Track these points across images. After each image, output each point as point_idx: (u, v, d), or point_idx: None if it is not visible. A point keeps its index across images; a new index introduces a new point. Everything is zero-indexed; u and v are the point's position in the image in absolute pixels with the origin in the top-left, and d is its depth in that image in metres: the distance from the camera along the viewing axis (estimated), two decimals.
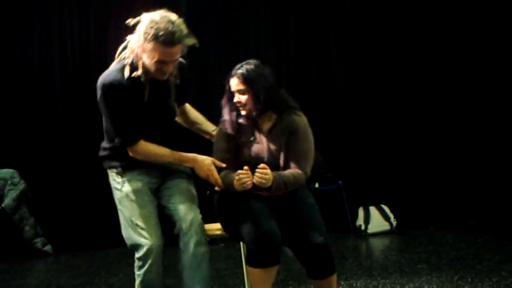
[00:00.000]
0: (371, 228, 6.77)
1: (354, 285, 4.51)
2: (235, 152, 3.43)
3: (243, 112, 3.38)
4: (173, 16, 3.00)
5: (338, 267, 3.56)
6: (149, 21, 2.97)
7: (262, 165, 3.20)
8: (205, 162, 3.26)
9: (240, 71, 3.33)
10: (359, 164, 7.26)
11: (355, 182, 7.17)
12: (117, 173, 3.34)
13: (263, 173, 3.17)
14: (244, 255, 3.55)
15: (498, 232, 6.39)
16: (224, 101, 3.46)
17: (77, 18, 7.05)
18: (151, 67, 3.05)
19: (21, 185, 6.70)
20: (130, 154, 3.22)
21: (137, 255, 3.05)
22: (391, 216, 6.85)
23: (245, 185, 3.19)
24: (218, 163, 3.30)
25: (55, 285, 5.19)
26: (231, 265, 5.29)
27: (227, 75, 3.39)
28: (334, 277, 3.42)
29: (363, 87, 7.31)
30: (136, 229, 3.10)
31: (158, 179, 3.34)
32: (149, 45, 2.96)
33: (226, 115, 3.46)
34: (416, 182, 7.16)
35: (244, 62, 3.40)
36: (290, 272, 5.00)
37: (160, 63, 3.02)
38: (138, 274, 3.06)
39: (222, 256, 5.82)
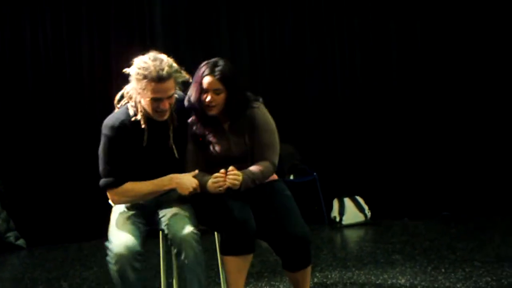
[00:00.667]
0: (346, 220, 6.79)
1: (329, 276, 4.52)
2: (204, 151, 3.42)
3: (211, 113, 3.36)
4: (163, 56, 3.17)
5: (313, 258, 3.57)
6: (139, 62, 3.13)
7: (231, 167, 3.21)
8: (184, 179, 3.27)
9: (218, 71, 3.30)
10: (334, 156, 7.28)
11: (329, 173, 7.19)
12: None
13: (235, 174, 3.18)
14: (218, 246, 3.55)
15: (471, 223, 6.45)
16: (192, 99, 3.41)
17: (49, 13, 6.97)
18: (148, 108, 3.18)
19: None
20: (110, 198, 3.32)
21: (108, 254, 3.12)
22: (366, 207, 6.87)
23: (221, 188, 3.19)
24: (193, 173, 3.32)
25: (28, 279, 5.14)
26: (206, 257, 5.27)
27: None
28: (309, 268, 3.45)
29: (337, 79, 7.32)
30: (113, 235, 3.19)
31: (153, 202, 3.41)
32: (142, 85, 3.11)
33: (193, 114, 3.45)
34: (390, 174, 7.20)
35: (214, 60, 3.37)
36: (265, 264, 5.00)
37: (155, 101, 3.13)
38: (113, 269, 3.09)
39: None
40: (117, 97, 3.38)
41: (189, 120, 3.47)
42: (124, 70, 3.23)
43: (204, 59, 3.46)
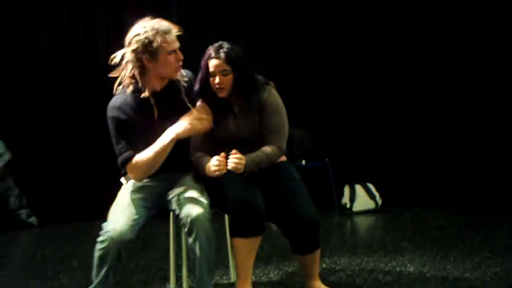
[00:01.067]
0: (356, 206, 6.80)
1: (338, 262, 4.53)
2: (208, 133, 3.42)
3: (221, 95, 3.37)
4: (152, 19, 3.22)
5: (323, 244, 3.57)
6: (137, 31, 3.17)
7: (234, 151, 3.21)
8: (179, 124, 3.24)
9: (223, 52, 3.32)
10: (346, 142, 7.28)
11: (341, 159, 7.19)
12: (126, 178, 3.46)
13: (238, 158, 3.18)
14: (228, 228, 3.56)
15: (481, 213, 6.44)
16: (198, 83, 3.43)
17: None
18: (168, 68, 3.23)
19: (6, 156, 6.65)
20: (131, 176, 3.34)
21: (100, 234, 3.13)
22: (377, 194, 6.87)
23: (218, 172, 3.19)
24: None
25: (39, 256, 5.18)
26: (216, 240, 5.29)
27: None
28: (318, 252, 3.47)
29: (352, 65, 7.29)
30: (111, 215, 3.22)
31: (164, 183, 3.40)
32: (154, 44, 3.13)
33: (199, 95, 3.46)
34: (402, 162, 7.19)
35: (217, 44, 3.38)
36: (274, 247, 5.01)
37: (172, 53, 3.19)
38: (97, 248, 3.12)
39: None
40: (116, 84, 3.37)
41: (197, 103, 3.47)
42: (113, 56, 3.27)
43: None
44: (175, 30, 3.24)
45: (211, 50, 3.35)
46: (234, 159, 3.18)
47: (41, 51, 6.89)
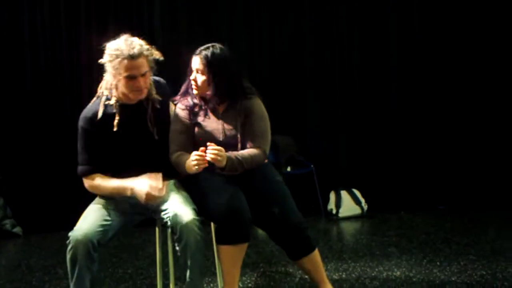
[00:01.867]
0: (342, 212, 6.81)
1: (325, 267, 4.51)
2: (190, 132, 3.43)
3: (194, 91, 3.40)
4: (134, 38, 3.26)
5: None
6: (111, 45, 3.24)
7: (209, 144, 3.20)
8: (142, 191, 3.22)
9: (204, 52, 3.36)
10: (331, 148, 7.29)
11: (327, 166, 7.20)
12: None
13: (216, 149, 3.17)
14: (214, 235, 3.56)
15: (467, 217, 6.47)
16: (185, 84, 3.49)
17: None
18: (124, 89, 3.24)
19: None
20: (85, 185, 3.41)
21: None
22: (362, 200, 6.89)
23: (198, 167, 3.18)
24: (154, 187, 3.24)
25: (24, 266, 5.15)
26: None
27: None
28: (315, 254, 3.46)
29: (336, 71, 7.31)
30: (80, 219, 3.25)
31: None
32: (115, 64, 3.19)
33: (183, 94, 3.50)
34: (387, 167, 7.21)
35: (210, 44, 3.42)
36: (261, 254, 5.02)
37: (129, 79, 3.20)
38: (67, 251, 3.12)
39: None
40: (99, 89, 3.44)
41: (177, 101, 3.49)
42: (99, 61, 3.30)
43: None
44: (152, 54, 3.27)
45: (199, 48, 3.41)
46: (213, 150, 3.17)
47: (25, 60, 6.85)
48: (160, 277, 3.68)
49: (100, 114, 3.31)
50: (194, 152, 3.20)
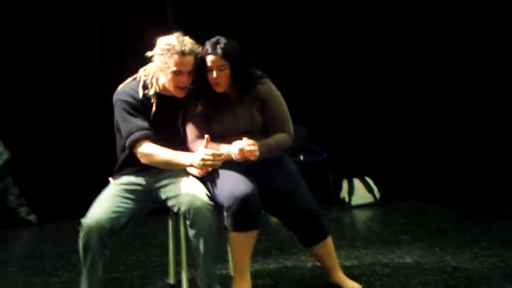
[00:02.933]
0: (355, 200, 6.82)
1: (337, 255, 4.52)
2: (206, 128, 3.42)
3: (219, 90, 3.39)
4: (185, 37, 3.36)
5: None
6: (163, 40, 3.34)
7: (245, 139, 3.21)
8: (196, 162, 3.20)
9: (219, 47, 3.34)
10: (344, 136, 7.29)
11: (339, 154, 7.20)
12: (114, 178, 3.53)
13: (252, 145, 3.19)
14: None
15: (479, 205, 6.45)
16: (195, 78, 3.44)
17: None
18: (169, 83, 3.36)
19: (5, 155, 6.67)
20: (137, 155, 3.36)
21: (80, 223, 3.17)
22: (375, 188, 6.89)
23: (212, 167, 3.17)
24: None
25: (38, 253, 5.20)
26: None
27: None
28: (328, 241, 3.47)
29: (348, 59, 7.30)
30: (93, 205, 3.27)
31: (154, 178, 3.44)
32: (165, 58, 3.30)
33: (197, 91, 3.46)
34: (399, 155, 7.20)
35: (214, 39, 3.40)
36: (273, 241, 5.03)
37: (176, 74, 3.30)
38: (80, 238, 3.16)
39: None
40: (138, 73, 3.52)
41: (191, 97, 3.48)
42: (146, 54, 3.39)
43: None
44: (196, 54, 3.35)
45: (208, 46, 3.37)
46: (250, 147, 3.19)
47: (38, 51, 6.90)
48: (173, 264, 3.71)
49: (140, 95, 3.39)
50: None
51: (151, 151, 3.30)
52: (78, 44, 6.95)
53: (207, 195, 3.24)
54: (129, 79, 3.52)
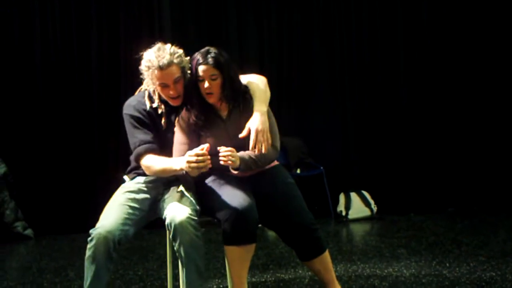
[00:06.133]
0: (352, 214, 6.82)
1: (335, 269, 4.50)
2: (195, 142, 3.42)
3: (211, 100, 3.38)
4: (167, 45, 3.40)
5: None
6: (145, 56, 3.38)
7: (220, 147, 3.21)
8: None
9: (210, 57, 3.33)
10: (341, 150, 7.30)
11: (336, 168, 7.20)
12: (129, 176, 3.59)
13: (227, 151, 3.18)
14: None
15: (476, 219, 6.47)
16: (186, 92, 3.43)
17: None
18: (161, 93, 3.40)
19: (2, 169, 6.65)
20: (142, 167, 3.43)
21: (90, 233, 3.16)
22: (372, 202, 6.89)
23: (201, 169, 3.14)
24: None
25: (35, 268, 5.18)
26: (212, 248, 5.29)
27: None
28: (325, 255, 3.46)
29: (345, 71, 7.33)
30: (103, 214, 3.27)
31: (162, 187, 3.48)
32: (149, 74, 3.36)
33: (188, 106, 3.45)
34: (396, 169, 7.21)
35: (204, 49, 3.40)
36: (270, 256, 5.02)
37: (163, 87, 3.35)
38: (87, 248, 3.14)
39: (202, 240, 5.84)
40: (143, 86, 3.56)
41: (181, 112, 3.46)
42: (140, 67, 3.43)
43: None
44: (178, 63, 3.36)
45: (198, 56, 3.36)
46: (225, 153, 3.18)
47: (35, 64, 6.91)
48: (170, 278, 3.70)
49: (147, 107, 3.45)
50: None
51: (150, 163, 3.35)
52: (75, 58, 6.95)
53: (194, 209, 3.23)
54: (137, 92, 3.60)
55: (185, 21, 7.13)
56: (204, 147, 3.15)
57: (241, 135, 3.27)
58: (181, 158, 3.22)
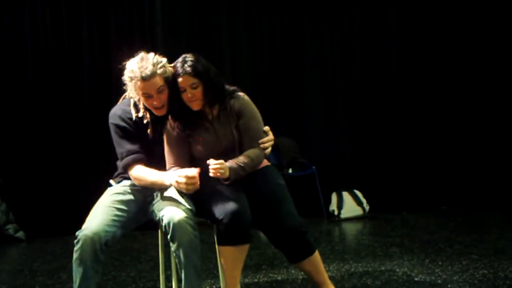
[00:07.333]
0: (344, 213, 6.82)
1: (327, 269, 4.52)
2: (186, 150, 3.42)
3: (195, 108, 3.37)
4: (150, 55, 3.38)
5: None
6: (128, 68, 3.36)
7: (209, 160, 3.21)
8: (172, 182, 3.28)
9: (187, 66, 3.31)
10: (333, 149, 7.30)
11: (328, 167, 7.20)
12: (115, 180, 3.60)
13: (217, 164, 3.19)
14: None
15: (469, 217, 6.48)
16: (170, 102, 3.42)
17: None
18: (145, 104, 3.39)
19: None
20: (131, 178, 3.45)
21: (76, 235, 3.17)
22: (364, 201, 6.90)
23: (189, 190, 3.20)
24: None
25: (27, 270, 5.16)
26: (205, 249, 5.26)
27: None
28: (315, 256, 3.46)
29: (336, 73, 7.33)
30: (89, 215, 3.28)
31: (149, 190, 3.46)
32: (131, 85, 3.34)
33: (173, 115, 3.45)
34: (389, 168, 7.22)
35: (181, 59, 3.38)
36: (263, 256, 5.02)
37: (146, 98, 3.33)
38: (74, 250, 3.15)
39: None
40: (126, 94, 3.54)
41: (168, 122, 3.46)
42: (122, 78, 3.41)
43: (204, 53, 3.49)
44: (161, 73, 3.33)
45: (176, 67, 3.35)
46: (214, 165, 3.19)
47: (27, 66, 6.87)
48: (163, 280, 3.69)
49: (133, 116, 3.44)
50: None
51: (139, 174, 3.38)
52: (67, 61, 6.91)
53: (191, 210, 3.23)
54: (121, 99, 3.58)
55: (176, 24, 7.09)
56: (195, 172, 3.18)
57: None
58: (172, 174, 3.25)
